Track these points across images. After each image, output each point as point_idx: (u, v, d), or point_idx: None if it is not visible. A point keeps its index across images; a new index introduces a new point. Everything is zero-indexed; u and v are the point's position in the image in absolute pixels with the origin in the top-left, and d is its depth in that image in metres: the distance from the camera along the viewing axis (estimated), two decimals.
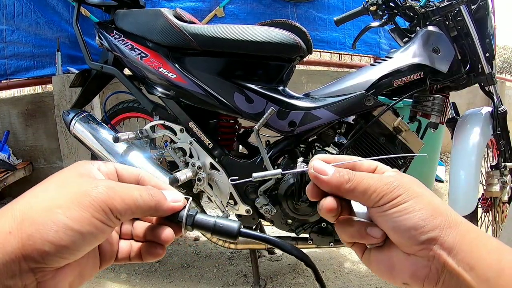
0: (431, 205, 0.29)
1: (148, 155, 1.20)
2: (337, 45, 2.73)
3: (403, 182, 0.31)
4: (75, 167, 0.30)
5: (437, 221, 0.28)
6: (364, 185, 0.30)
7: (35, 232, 0.24)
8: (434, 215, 0.29)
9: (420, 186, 0.32)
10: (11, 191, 2.25)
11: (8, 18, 2.24)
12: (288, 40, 1.08)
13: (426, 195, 0.30)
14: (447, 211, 0.30)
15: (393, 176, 0.32)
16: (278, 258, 1.58)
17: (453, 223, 0.29)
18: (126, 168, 0.33)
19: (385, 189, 0.30)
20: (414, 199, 0.29)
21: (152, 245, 0.32)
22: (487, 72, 1.08)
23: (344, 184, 0.31)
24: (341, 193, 0.31)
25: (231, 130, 1.30)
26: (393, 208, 0.29)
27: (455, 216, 0.30)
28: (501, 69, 4.87)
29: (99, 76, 1.34)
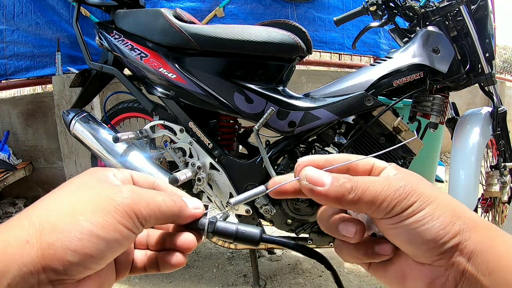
0: (449, 208, 0.26)
1: (148, 155, 1.20)
2: (336, 46, 2.73)
3: (414, 184, 0.26)
4: (91, 172, 0.28)
5: (457, 226, 0.25)
6: (371, 194, 0.25)
7: (56, 240, 0.22)
8: (453, 219, 0.25)
9: (428, 185, 0.28)
10: (11, 191, 2.26)
11: (8, 18, 2.24)
12: (288, 40, 1.08)
13: (441, 196, 0.26)
14: (464, 211, 0.26)
15: (401, 177, 0.27)
16: (278, 258, 1.58)
17: (472, 223, 0.25)
18: (141, 175, 0.32)
19: (397, 196, 0.25)
20: (430, 204, 0.25)
21: (171, 254, 0.30)
22: (487, 72, 1.08)
23: (346, 195, 0.25)
24: (341, 206, 0.26)
25: (231, 130, 1.30)
26: (409, 219, 0.25)
27: (471, 214, 0.26)
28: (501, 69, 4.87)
29: (99, 76, 1.34)
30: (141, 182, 0.31)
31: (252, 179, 1.17)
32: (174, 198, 0.29)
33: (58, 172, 2.32)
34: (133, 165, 1.15)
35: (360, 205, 0.26)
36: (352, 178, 0.26)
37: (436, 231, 0.25)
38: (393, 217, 0.25)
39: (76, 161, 2.18)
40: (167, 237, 0.30)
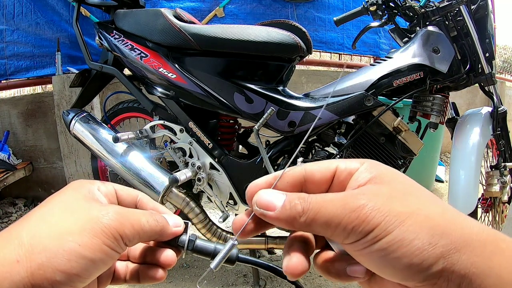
0: (427, 226, 0.21)
1: (148, 155, 1.20)
2: (336, 46, 2.73)
3: (378, 201, 0.22)
4: (76, 188, 0.29)
5: (439, 248, 0.20)
6: (324, 216, 0.22)
7: (46, 261, 0.23)
8: (433, 241, 0.21)
9: (407, 194, 0.23)
10: (11, 191, 2.26)
11: (8, 18, 2.24)
12: (288, 40, 1.08)
13: (416, 212, 0.22)
14: (450, 227, 0.21)
15: (365, 190, 0.23)
16: (278, 258, 1.58)
17: (461, 242, 0.21)
18: (124, 189, 0.33)
19: (353, 219, 0.21)
20: (400, 225, 0.21)
21: (151, 267, 0.31)
22: (487, 72, 1.08)
23: (297, 219, 0.23)
24: (296, 229, 0.24)
25: (231, 130, 1.30)
26: (374, 245, 0.21)
27: (463, 228, 0.22)
28: (501, 69, 4.87)
29: (99, 76, 1.34)
30: (125, 196, 0.32)
31: (252, 179, 1.15)
32: (157, 218, 0.30)
33: (58, 172, 2.32)
34: (133, 165, 1.15)
35: (314, 228, 0.23)
36: (306, 198, 0.23)
37: (410, 259, 0.20)
38: (354, 243, 0.22)
39: (76, 161, 2.17)
40: (149, 252, 0.32)
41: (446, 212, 0.22)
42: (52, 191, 2.33)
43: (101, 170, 1.56)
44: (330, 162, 0.26)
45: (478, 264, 0.21)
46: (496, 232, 0.22)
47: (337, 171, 0.26)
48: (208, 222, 1.18)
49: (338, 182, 0.25)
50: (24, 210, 2.21)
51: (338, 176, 0.26)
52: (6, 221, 2.02)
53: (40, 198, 2.36)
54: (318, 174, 0.26)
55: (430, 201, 0.23)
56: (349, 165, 0.25)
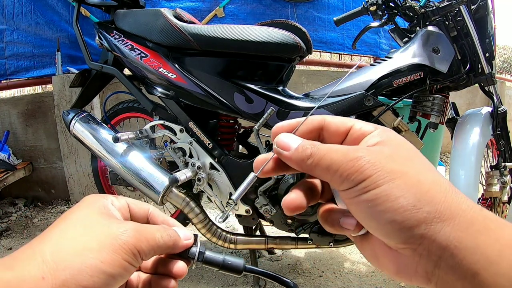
0: (416, 189, 0.22)
1: (148, 155, 1.20)
2: (336, 46, 2.73)
3: (376, 157, 0.23)
4: (91, 203, 0.30)
5: (423, 213, 0.21)
6: (326, 162, 0.24)
7: (70, 277, 0.24)
8: (418, 204, 0.21)
9: (408, 159, 0.24)
10: (11, 191, 2.26)
11: (7, 18, 2.24)
12: (288, 40, 1.08)
13: (411, 173, 0.23)
14: (439, 196, 0.22)
15: (369, 150, 0.24)
16: (278, 258, 1.58)
17: (447, 213, 0.21)
18: (136, 203, 0.34)
19: (349, 167, 0.23)
20: (390, 181, 0.22)
21: (164, 278, 0.33)
22: (487, 72, 1.08)
23: (305, 160, 0.25)
24: (303, 170, 0.26)
25: (231, 130, 1.30)
26: (363, 195, 0.23)
27: (452, 201, 0.22)
28: (501, 69, 4.87)
29: (99, 76, 1.34)
30: (137, 210, 0.34)
31: None
32: (170, 233, 0.32)
33: (58, 172, 2.32)
34: (133, 165, 1.15)
35: (317, 171, 0.25)
36: (316, 145, 0.26)
37: (392, 214, 0.22)
38: (347, 190, 0.24)
39: (76, 161, 2.17)
40: (160, 263, 0.34)
41: (439, 182, 0.23)
42: (52, 191, 2.35)
43: (101, 170, 1.55)
44: (348, 120, 0.28)
45: (462, 239, 0.21)
46: (487, 212, 0.22)
47: (352, 128, 0.27)
48: (208, 222, 1.18)
49: (351, 139, 0.27)
50: (24, 210, 2.21)
51: (352, 133, 0.27)
52: (6, 221, 2.02)
53: (40, 198, 2.36)
54: (334, 126, 0.28)
55: (428, 169, 0.24)
56: (364, 127, 0.27)
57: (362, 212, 0.23)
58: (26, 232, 1.90)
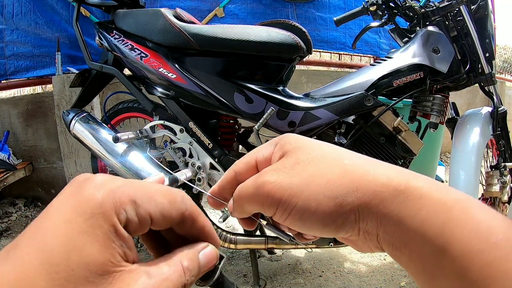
0: (328, 191, 0.22)
1: (148, 155, 1.20)
2: (338, 45, 2.73)
3: (280, 174, 0.24)
4: (85, 216, 0.20)
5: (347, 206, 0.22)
6: (244, 199, 0.25)
7: None
8: (338, 202, 0.22)
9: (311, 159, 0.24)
10: (11, 191, 2.25)
11: (7, 18, 2.24)
12: (288, 40, 1.08)
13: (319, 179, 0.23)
14: (354, 184, 0.22)
15: (269, 168, 0.25)
16: (278, 258, 1.58)
17: (369, 196, 0.22)
18: (166, 207, 0.24)
19: (260, 196, 0.24)
20: (302, 196, 0.23)
21: None
22: (487, 72, 1.08)
23: (236, 210, 0.27)
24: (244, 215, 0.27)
25: (231, 130, 1.30)
26: (286, 219, 0.23)
27: (369, 182, 0.22)
28: (501, 69, 4.87)
29: (99, 76, 1.34)
30: (167, 215, 0.27)
31: None
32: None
33: (58, 172, 2.32)
34: (133, 165, 1.15)
35: (246, 209, 0.26)
36: (236, 191, 0.26)
37: (323, 223, 0.22)
38: (274, 217, 0.24)
39: (76, 161, 2.17)
40: None
41: (348, 171, 0.23)
42: (52, 191, 2.34)
43: (101, 170, 1.55)
44: (250, 157, 0.28)
45: (390, 215, 0.21)
46: (409, 178, 0.22)
47: (257, 164, 0.27)
48: None
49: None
50: (24, 210, 2.21)
51: (260, 167, 0.27)
52: (6, 221, 2.02)
53: (40, 198, 2.36)
54: (245, 173, 0.27)
55: (333, 164, 0.24)
56: (264, 153, 0.27)
57: (298, 229, 0.24)
58: None
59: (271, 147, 0.27)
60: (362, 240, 0.23)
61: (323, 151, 0.25)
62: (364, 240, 0.23)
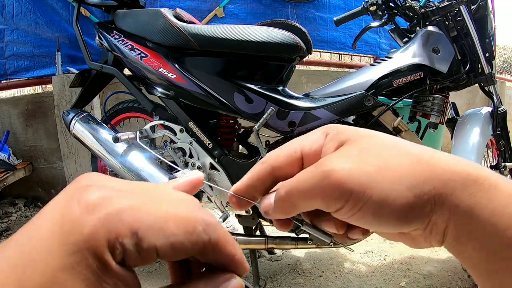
0: (406, 179, 0.20)
1: (148, 155, 1.20)
2: (338, 45, 2.73)
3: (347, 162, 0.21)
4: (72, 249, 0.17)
5: (424, 196, 0.20)
6: (300, 195, 0.22)
7: None
8: (416, 192, 0.20)
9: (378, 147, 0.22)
10: (11, 191, 2.25)
11: (7, 18, 2.24)
12: (288, 40, 1.08)
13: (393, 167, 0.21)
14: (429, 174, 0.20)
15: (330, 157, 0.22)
16: (278, 258, 1.58)
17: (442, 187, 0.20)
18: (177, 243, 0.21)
19: (325, 188, 0.21)
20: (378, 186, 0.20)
21: None
22: (487, 72, 1.08)
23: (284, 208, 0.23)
24: (292, 215, 0.24)
25: (231, 130, 1.30)
26: (357, 212, 0.21)
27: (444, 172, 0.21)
28: (501, 69, 4.86)
29: (99, 76, 1.34)
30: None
31: None
32: None
33: (58, 172, 2.32)
34: (133, 165, 1.15)
35: (300, 208, 0.23)
36: (281, 186, 0.23)
37: (398, 216, 0.20)
38: (338, 212, 0.21)
39: (76, 161, 2.17)
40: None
41: (419, 159, 0.21)
42: (52, 191, 2.34)
43: (101, 170, 1.56)
44: (292, 149, 0.24)
45: (461, 205, 0.20)
46: (478, 168, 0.21)
47: (303, 157, 0.24)
48: None
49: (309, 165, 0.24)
50: (24, 210, 2.21)
51: (306, 160, 0.24)
52: (6, 221, 2.02)
53: (40, 198, 2.36)
54: (287, 168, 0.24)
55: (402, 152, 0.22)
56: (313, 145, 0.24)
57: (366, 223, 0.21)
58: None
59: (320, 137, 0.24)
60: (425, 235, 0.21)
61: (384, 140, 0.23)
62: (428, 234, 0.21)
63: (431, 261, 1.51)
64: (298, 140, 0.25)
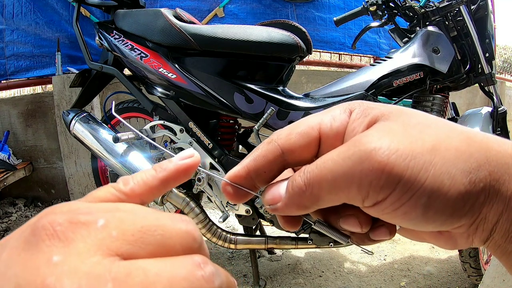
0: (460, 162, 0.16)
1: (148, 155, 1.20)
2: (337, 45, 2.73)
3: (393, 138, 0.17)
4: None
5: (479, 184, 0.16)
6: (330, 180, 0.17)
7: None
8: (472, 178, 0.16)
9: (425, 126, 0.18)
10: (11, 191, 2.25)
11: (7, 18, 2.24)
12: (288, 40, 1.08)
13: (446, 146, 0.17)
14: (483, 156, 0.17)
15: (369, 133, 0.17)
16: (278, 258, 1.58)
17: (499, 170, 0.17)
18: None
19: (367, 172, 0.16)
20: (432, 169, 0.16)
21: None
22: (487, 72, 1.08)
23: (303, 197, 0.18)
24: (313, 209, 0.19)
25: (231, 130, 1.30)
26: (404, 204, 0.16)
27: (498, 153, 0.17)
28: (501, 69, 4.87)
29: (99, 76, 1.34)
30: None
31: None
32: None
33: (58, 172, 2.32)
34: (133, 165, 1.15)
35: (327, 199, 0.18)
36: (304, 170, 0.18)
37: (453, 207, 0.16)
38: (379, 204, 0.17)
39: (76, 161, 2.17)
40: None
41: (472, 138, 0.18)
42: (52, 191, 2.35)
43: (101, 170, 1.56)
44: (308, 127, 0.19)
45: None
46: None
47: (321, 138, 0.19)
48: (208, 222, 1.18)
49: (328, 149, 0.19)
50: (24, 210, 2.21)
51: (326, 142, 0.19)
52: (6, 221, 2.02)
53: (40, 198, 2.36)
54: (301, 150, 0.19)
55: (451, 129, 0.18)
56: (334, 123, 0.19)
57: (411, 221, 0.17)
58: None
59: (343, 114, 0.19)
60: (469, 232, 0.18)
61: (429, 116, 0.19)
62: (473, 231, 0.18)
63: (431, 261, 1.51)
64: (313, 116, 0.20)
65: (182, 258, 0.13)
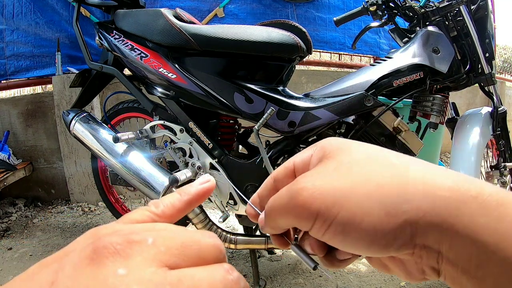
0: (378, 197, 0.18)
1: (148, 155, 1.20)
2: (337, 45, 2.73)
3: (318, 178, 0.20)
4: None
5: (401, 216, 0.18)
6: (277, 210, 0.22)
7: None
8: (391, 210, 0.18)
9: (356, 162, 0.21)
10: (11, 191, 2.25)
11: (7, 18, 2.24)
12: (288, 40, 1.08)
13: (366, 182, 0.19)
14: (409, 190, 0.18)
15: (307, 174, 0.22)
16: (278, 258, 1.58)
17: (426, 204, 0.18)
18: None
19: (295, 206, 0.20)
20: (346, 204, 0.19)
21: None
22: (487, 72, 1.08)
23: (268, 223, 0.24)
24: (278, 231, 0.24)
25: (231, 130, 1.30)
26: (325, 233, 0.20)
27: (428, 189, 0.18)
28: (501, 69, 4.87)
29: (99, 76, 1.34)
30: None
31: (252, 179, 1.17)
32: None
33: (58, 172, 2.32)
34: (133, 165, 1.15)
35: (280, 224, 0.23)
36: (269, 202, 0.23)
37: (370, 237, 0.18)
38: (312, 231, 0.21)
39: (76, 161, 2.18)
40: None
41: (401, 173, 0.19)
42: (52, 191, 2.35)
43: (101, 170, 1.56)
44: (289, 161, 0.25)
45: (459, 226, 0.17)
46: (481, 183, 0.18)
47: (295, 168, 0.24)
48: (208, 222, 1.18)
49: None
50: (24, 210, 2.21)
51: (298, 173, 0.24)
52: (6, 221, 2.02)
53: (40, 198, 2.36)
54: (284, 180, 0.24)
55: (381, 165, 0.20)
56: (303, 156, 0.24)
57: (339, 245, 0.20)
58: (26, 232, 1.90)
59: (310, 150, 0.24)
60: (414, 261, 0.19)
61: (367, 152, 0.22)
62: (418, 260, 0.19)
63: None
64: (294, 156, 0.25)
65: (216, 266, 0.17)
